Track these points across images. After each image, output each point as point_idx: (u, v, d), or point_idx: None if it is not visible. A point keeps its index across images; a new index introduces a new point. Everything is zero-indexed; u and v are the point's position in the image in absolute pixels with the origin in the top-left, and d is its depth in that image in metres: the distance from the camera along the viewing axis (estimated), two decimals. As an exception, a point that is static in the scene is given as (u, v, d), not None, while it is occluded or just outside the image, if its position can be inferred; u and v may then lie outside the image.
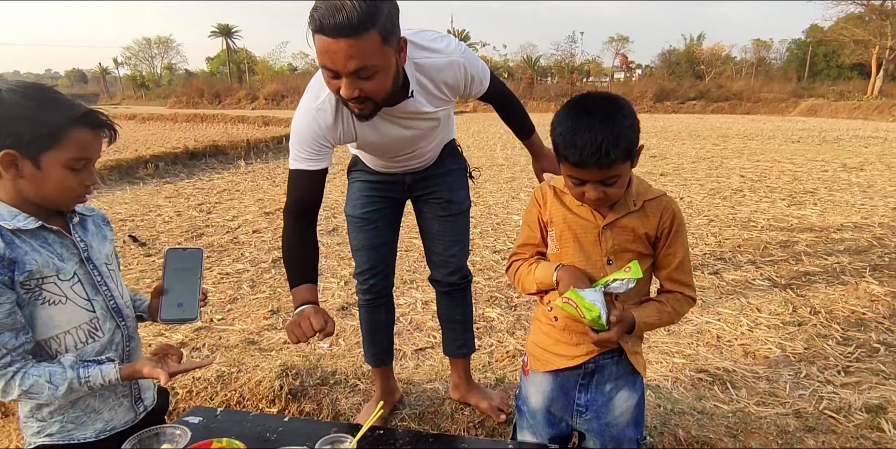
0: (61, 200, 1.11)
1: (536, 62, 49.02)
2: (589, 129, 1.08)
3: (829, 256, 4.28)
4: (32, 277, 1.06)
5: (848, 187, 7.31)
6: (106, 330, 1.18)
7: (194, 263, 1.27)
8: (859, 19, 34.87)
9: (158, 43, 75.78)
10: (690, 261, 1.31)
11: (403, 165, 1.85)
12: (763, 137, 15.25)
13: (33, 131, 1.03)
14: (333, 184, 7.88)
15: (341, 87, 1.29)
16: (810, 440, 1.75)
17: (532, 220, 1.33)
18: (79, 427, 1.17)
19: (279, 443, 1.17)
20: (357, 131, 1.57)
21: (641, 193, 1.24)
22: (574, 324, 1.26)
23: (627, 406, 1.32)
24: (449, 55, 1.54)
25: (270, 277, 3.91)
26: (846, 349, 2.73)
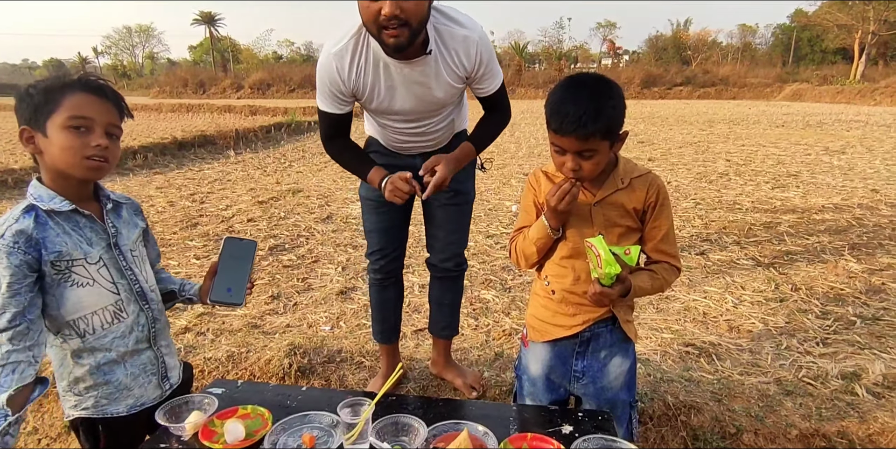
0: (72, 164, 1.13)
1: (524, 49, 48.86)
2: (575, 102, 1.18)
3: (810, 236, 4.42)
4: (62, 259, 1.13)
5: (830, 170, 7.48)
6: (130, 312, 1.24)
7: (247, 253, 1.36)
8: (843, 4, 35.12)
9: (139, 31, 74.49)
10: (675, 233, 1.40)
11: (415, 142, 1.88)
12: (748, 122, 15.42)
13: (35, 103, 1.10)
14: (325, 173, 7.93)
15: (384, 7, 1.35)
16: (788, 403, 1.87)
17: (528, 205, 1.43)
18: (112, 402, 1.24)
19: (300, 409, 1.25)
20: (371, 79, 1.64)
21: (628, 171, 1.34)
22: (571, 296, 1.36)
23: (621, 371, 1.43)
24: (469, 31, 1.61)
25: (268, 264, 3.98)
26: (825, 323, 2.86)
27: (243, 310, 3.15)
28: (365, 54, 1.60)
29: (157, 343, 1.31)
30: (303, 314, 3.08)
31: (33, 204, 1.13)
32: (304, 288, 3.48)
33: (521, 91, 36.19)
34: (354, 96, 1.70)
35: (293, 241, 4.52)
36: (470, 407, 1.32)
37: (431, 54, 1.57)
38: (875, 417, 1.76)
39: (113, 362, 1.23)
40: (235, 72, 52.38)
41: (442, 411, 1.26)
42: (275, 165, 8.67)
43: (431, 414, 1.21)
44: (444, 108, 1.78)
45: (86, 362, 1.21)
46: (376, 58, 1.60)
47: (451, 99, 1.76)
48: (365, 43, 1.60)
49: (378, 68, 1.62)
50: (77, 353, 1.20)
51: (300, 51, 67.49)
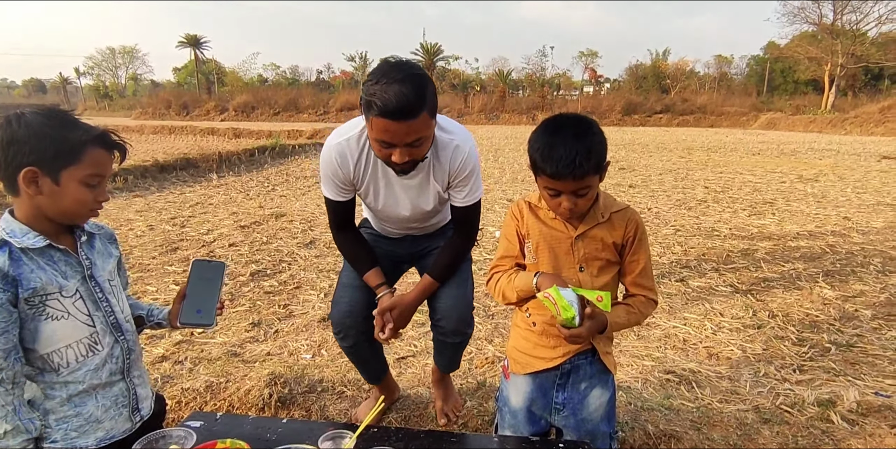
0: (77, 215, 1.19)
1: (508, 76, 49.70)
2: (564, 145, 1.22)
3: (786, 262, 4.52)
4: (37, 294, 1.12)
5: (804, 198, 7.67)
6: (105, 344, 1.24)
7: (216, 274, 1.37)
8: (812, 38, 36.48)
9: (123, 53, 74.42)
10: (652, 267, 1.44)
11: (405, 232, 1.98)
12: (726, 150, 15.80)
13: (55, 149, 1.10)
14: (309, 196, 7.93)
15: (393, 155, 1.51)
16: (766, 431, 1.89)
17: (511, 234, 1.45)
18: (81, 435, 1.22)
19: (280, 443, 1.24)
20: (369, 177, 1.75)
21: (608, 206, 1.38)
22: (551, 328, 1.38)
23: (601, 402, 1.44)
24: (460, 140, 1.70)
25: (249, 290, 3.94)
26: (801, 349, 2.91)
27: (223, 337, 3.11)
28: (366, 153, 1.70)
29: (130, 374, 1.29)
30: (284, 342, 3.05)
31: (6, 240, 1.12)
32: (285, 315, 3.45)
33: (505, 117, 36.69)
34: (354, 186, 1.79)
35: (275, 266, 4.49)
36: (451, 439, 1.32)
37: (426, 162, 1.67)
38: (849, 445, 1.79)
39: (84, 394, 1.21)
40: (220, 94, 52.44)
41: (423, 444, 1.26)
42: (258, 189, 8.65)
43: (413, 446, 1.21)
44: (434, 211, 1.84)
45: (57, 395, 1.19)
46: (377, 163, 1.70)
47: (441, 205, 1.84)
48: (367, 147, 1.69)
49: (377, 168, 1.72)
50: (49, 385, 1.18)
51: (286, 74, 67.87)
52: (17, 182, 1.10)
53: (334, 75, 68.11)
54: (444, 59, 52.21)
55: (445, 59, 52.41)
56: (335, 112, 41.22)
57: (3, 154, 1.10)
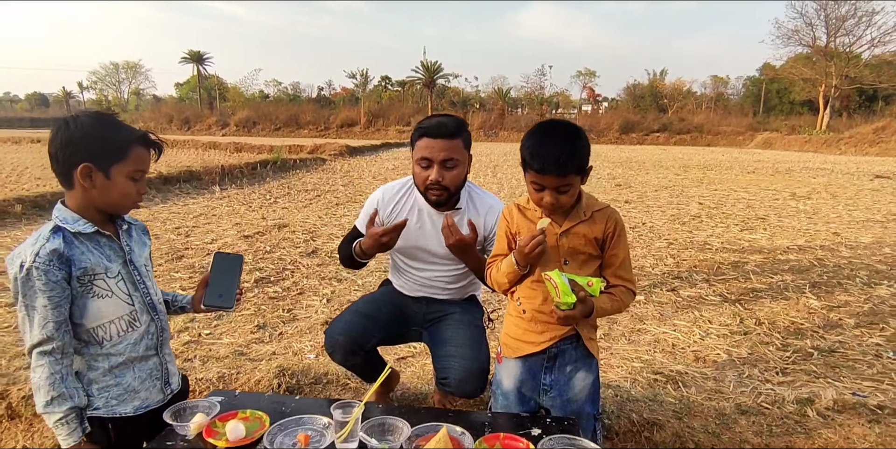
0: (123, 205, 1.35)
1: (507, 94, 50.33)
2: (552, 145, 1.38)
3: (774, 274, 4.65)
4: (86, 274, 1.28)
5: (796, 214, 7.83)
6: (142, 321, 1.39)
7: (235, 265, 1.54)
8: (807, 59, 37.03)
9: (127, 68, 75.07)
10: (630, 260, 1.58)
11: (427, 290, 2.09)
12: (721, 168, 16.01)
13: (106, 147, 1.27)
14: (311, 209, 8.07)
15: (431, 174, 1.83)
16: (743, 421, 2.01)
17: (501, 235, 1.61)
18: (120, 403, 1.36)
19: (294, 414, 1.37)
20: (405, 215, 1.99)
21: (590, 205, 1.53)
22: (540, 315, 1.52)
23: (585, 384, 1.57)
24: (495, 202, 2.01)
25: (254, 295, 4.07)
26: (784, 354, 3.04)
27: (229, 338, 3.23)
28: (408, 198, 2.01)
29: (162, 351, 1.44)
30: (288, 343, 3.17)
31: (59, 225, 1.27)
32: (289, 318, 3.58)
33: (504, 134, 37.04)
34: (388, 218, 2.02)
35: (278, 274, 4.62)
36: (449, 414, 1.44)
37: (461, 210, 1.94)
38: (820, 434, 1.90)
39: (123, 366, 1.35)
40: (221, 109, 52.89)
41: (424, 417, 1.38)
42: (260, 201, 8.79)
43: (414, 419, 1.33)
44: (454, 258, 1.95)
45: (100, 365, 1.33)
46: (417, 204, 1.99)
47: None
48: (409, 191, 2.03)
49: (414, 210, 1.99)
50: (93, 357, 1.32)
51: (287, 90, 68.53)
52: (73, 176, 1.26)
53: (335, 92, 68.81)
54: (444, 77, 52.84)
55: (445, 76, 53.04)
56: (335, 128, 41.64)
57: (62, 152, 1.25)
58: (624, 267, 1.53)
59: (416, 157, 1.87)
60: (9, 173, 11.75)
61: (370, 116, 42.08)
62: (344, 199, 9.11)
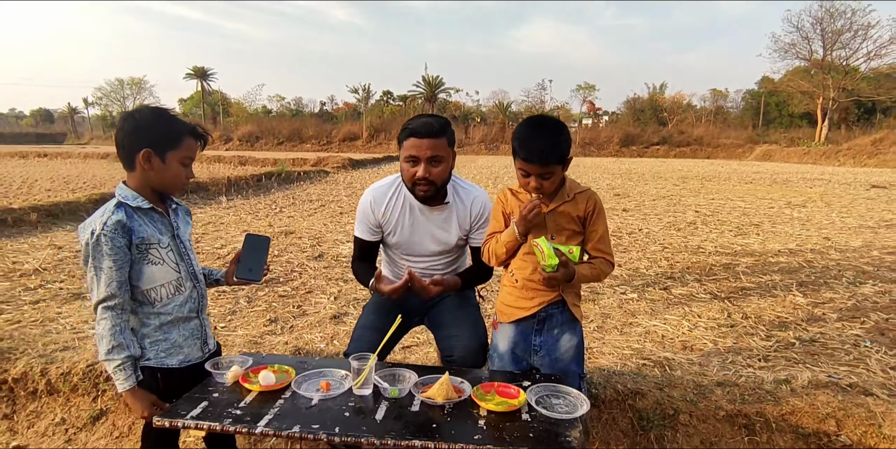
0: (174, 186, 1.58)
1: (508, 108, 50.87)
2: (538, 138, 1.60)
3: (764, 275, 4.84)
4: (143, 243, 1.50)
5: (789, 221, 8.03)
6: (187, 287, 1.62)
7: (263, 245, 1.77)
8: (805, 72, 37.44)
9: (132, 84, 75.83)
10: (609, 236, 1.79)
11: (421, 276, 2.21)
12: (720, 179, 16.25)
13: (165, 136, 1.50)
14: (316, 217, 8.29)
15: (418, 171, 1.97)
16: (718, 391, 2.18)
17: (497, 215, 1.82)
18: (168, 356, 1.59)
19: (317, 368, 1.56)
20: (398, 216, 2.16)
21: (573, 188, 1.75)
22: (529, 283, 1.73)
23: (571, 345, 1.77)
24: (479, 193, 2.18)
25: (264, 293, 4.26)
26: (768, 343, 3.22)
27: (243, 330, 3.42)
28: (398, 196, 2.16)
29: (201, 314, 1.67)
30: (299, 334, 3.36)
31: (121, 201, 1.50)
32: (299, 313, 3.77)
33: (504, 147, 37.41)
34: (381, 229, 2.19)
35: (287, 275, 4.82)
36: (451, 371, 1.63)
37: (449, 204, 2.12)
38: (787, 402, 2.08)
39: (170, 324, 1.58)
40: (224, 124, 53.45)
41: (429, 372, 1.58)
42: (266, 211, 9.02)
43: (420, 374, 1.52)
44: (449, 250, 2.18)
45: (151, 323, 1.55)
46: (407, 201, 2.15)
47: (458, 243, 2.18)
48: (399, 189, 2.17)
49: (406, 209, 2.15)
50: (146, 315, 1.54)
51: (290, 106, 69.24)
52: (135, 160, 1.49)
53: (337, 107, 69.45)
54: (445, 92, 53.53)
55: (447, 91, 53.72)
56: (338, 142, 42.11)
57: (127, 139, 1.49)
58: (603, 241, 1.74)
59: (403, 155, 2.02)
60: (20, 185, 12.04)
61: (372, 130, 42.55)
62: (348, 208, 9.32)
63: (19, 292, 4.17)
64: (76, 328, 3.35)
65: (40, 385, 2.39)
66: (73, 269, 4.92)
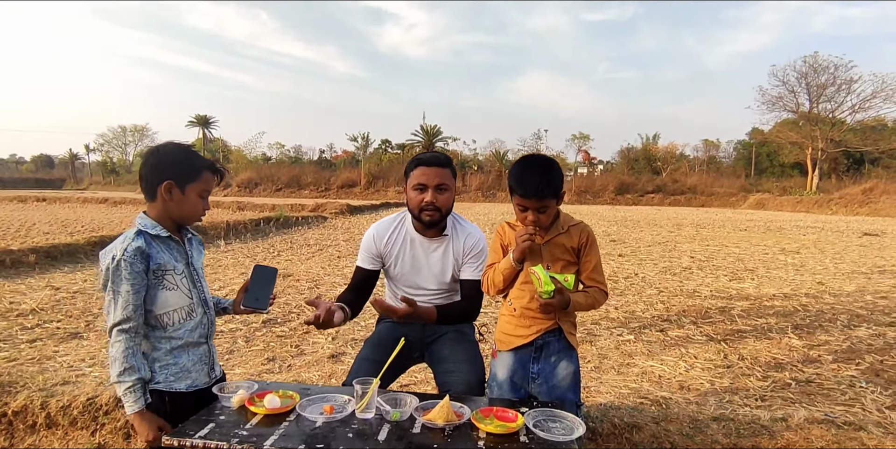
0: (191, 217, 1.67)
1: (504, 156, 51.75)
2: (532, 175, 1.71)
3: (759, 318, 4.87)
4: (160, 269, 1.58)
5: (784, 266, 8.10)
6: (198, 313, 1.68)
7: (270, 275, 1.83)
8: (793, 124, 38.41)
9: (134, 131, 77.04)
10: (602, 266, 1.87)
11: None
12: (714, 226, 16.42)
13: (186, 169, 1.60)
14: (314, 261, 8.34)
15: (426, 196, 2.10)
16: (714, 425, 2.20)
17: (496, 246, 1.91)
18: (176, 380, 1.63)
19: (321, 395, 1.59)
20: (398, 248, 2.27)
21: (566, 221, 1.84)
22: (527, 311, 1.79)
23: (567, 373, 1.81)
24: (474, 230, 2.29)
25: (262, 334, 4.27)
26: (764, 384, 3.23)
27: (241, 369, 3.43)
28: (399, 230, 2.29)
29: (210, 340, 1.72)
30: (297, 373, 3.36)
31: (141, 230, 1.58)
32: (297, 353, 3.78)
33: (500, 195, 37.84)
34: (382, 260, 2.29)
35: (285, 316, 4.83)
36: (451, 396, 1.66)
37: (447, 237, 2.24)
38: (783, 436, 2.09)
39: (180, 349, 1.63)
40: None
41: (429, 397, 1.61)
42: (264, 254, 9.07)
43: (422, 400, 1.56)
44: (445, 282, 2.26)
45: (162, 347, 1.61)
46: (407, 234, 2.28)
47: (454, 276, 2.25)
48: (401, 223, 2.30)
49: (406, 242, 2.27)
50: (158, 339, 1.59)
51: (289, 153, 70.32)
52: (157, 191, 1.58)
53: (336, 155, 70.55)
54: (442, 140, 54.52)
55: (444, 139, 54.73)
56: (336, 189, 42.55)
57: (151, 172, 1.59)
58: (596, 271, 1.82)
59: (411, 184, 2.14)
60: (17, 228, 12.11)
61: (370, 178, 43.09)
62: (346, 252, 9.38)
63: (16, 331, 4.17)
64: (73, 366, 3.36)
65: (39, 418, 2.39)
66: (70, 309, 4.93)
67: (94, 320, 4.56)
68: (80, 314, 4.75)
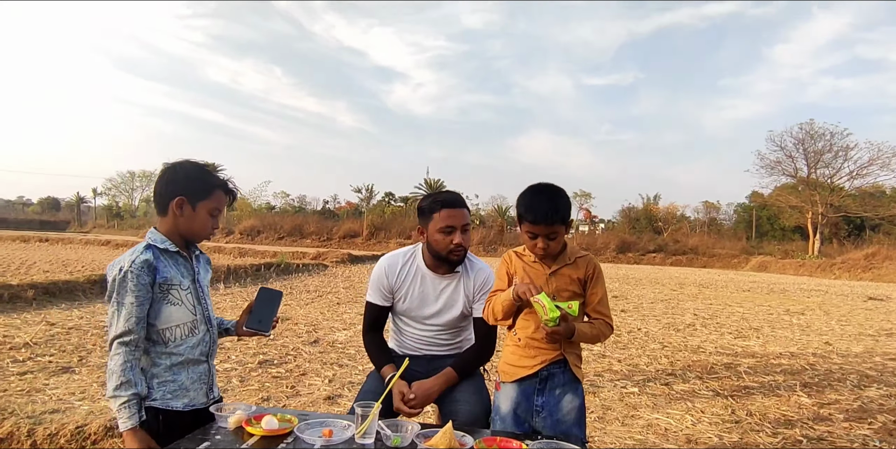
0: (200, 234, 1.68)
1: (506, 212, 52.12)
2: (542, 201, 1.72)
3: (767, 375, 4.76)
4: (166, 283, 1.57)
5: (789, 327, 7.98)
6: (200, 330, 1.65)
7: (275, 299, 1.82)
8: (792, 188, 38.75)
9: (142, 176, 78.06)
10: (608, 300, 1.85)
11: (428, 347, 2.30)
12: (717, 286, 16.30)
13: (200, 187, 1.62)
14: (313, 306, 8.25)
15: (454, 238, 2.10)
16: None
17: (502, 274, 1.89)
18: (174, 398, 1.59)
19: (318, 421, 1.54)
20: (409, 283, 2.25)
21: (573, 252, 1.84)
22: (532, 341, 1.76)
23: (572, 407, 1.75)
24: (485, 266, 2.30)
25: (258, 374, 4.17)
26: (774, 440, 3.11)
27: (234, 408, 3.32)
28: (410, 265, 2.28)
29: (210, 360, 1.68)
30: (291, 413, 3.26)
31: (150, 243, 1.59)
32: (292, 394, 3.67)
33: (502, 249, 37.81)
34: (392, 294, 2.28)
35: (282, 358, 4.74)
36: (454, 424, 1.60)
37: (458, 274, 2.24)
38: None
39: (180, 366, 1.59)
40: (228, 218, 54.38)
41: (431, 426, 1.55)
42: (264, 298, 8.97)
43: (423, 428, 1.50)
44: (453, 319, 2.24)
45: (162, 362, 1.57)
46: (419, 270, 2.26)
47: (463, 312, 2.24)
48: (412, 258, 2.28)
49: (416, 277, 2.26)
50: (158, 355, 1.56)
51: (293, 203, 70.94)
52: (169, 206, 1.60)
53: (339, 205, 71.15)
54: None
55: (448, 194, 55.16)
56: (338, 239, 42.60)
57: (165, 187, 1.62)
58: (602, 303, 1.80)
59: (437, 227, 2.11)
60: (18, 266, 12.08)
61: (372, 229, 43.24)
62: (345, 299, 9.31)
63: (7, 364, 4.09)
64: (63, 399, 3.26)
65: (25, 445, 2.30)
66: (63, 344, 4.85)
67: (88, 355, 4.47)
68: (73, 349, 4.66)
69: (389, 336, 2.43)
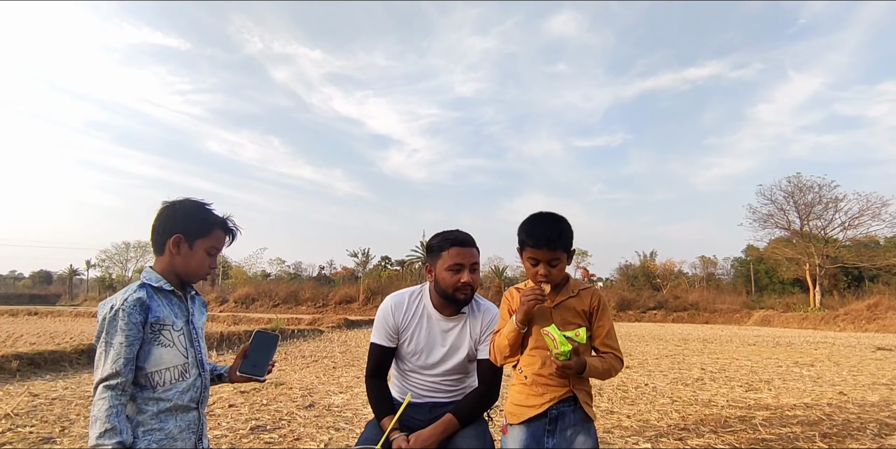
0: (196, 273, 1.62)
1: (503, 272, 51.97)
2: (543, 226, 1.70)
3: (783, 427, 4.54)
4: (158, 323, 1.51)
5: (800, 378, 7.74)
6: (192, 374, 1.57)
7: (271, 343, 1.76)
8: (787, 241, 38.87)
9: (137, 247, 77.83)
10: (615, 332, 1.77)
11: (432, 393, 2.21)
12: (721, 341, 15.99)
13: (198, 224, 1.60)
14: (309, 370, 7.98)
15: (463, 276, 2.07)
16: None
17: (504, 313, 1.83)
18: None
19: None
20: (415, 324, 2.19)
21: (577, 285, 1.79)
22: (539, 378, 1.66)
23: (586, 448, 1.62)
24: (491, 306, 2.26)
25: (248, 441, 3.95)
26: (801, 493, 2.91)
27: (222, 476, 3.11)
28: (416, 305, 2.24)
29: (201, 407, 1.59)
30: (283, 480, 3.05)
31: (145, 282, 1.54)
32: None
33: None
34: (398, 335, 2.21)
35: (275, 423, 4.51)
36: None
37: (465, 315, 2.20)
38: None
39: (168, 412, 1.49)
40: (223, 286, 53.88)
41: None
42: (257, 364, 8.70)
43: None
44: (459, 362, 2.17)
45: (149, 409, 1.48)
46: (425, 310, 2.22)
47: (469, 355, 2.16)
48: (419, 298, 2.26)
49: (423, 318, 2.22)
50: (145, 401, 1.47)
51: (289, 270, 70.56)
52: (165, 244, 1.56)
53: (335, 271, 70.80)
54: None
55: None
56: (334, 305, 42.04)
57: (164, 224, 1.58)
58: (610, 336, 1.72)
59: (446, 265, 2.09)
60: (4, 339, 11.75)
61: (369, 293, 42.80)
62: (341, 363, 9.03)
63: (-16, 436, 3.86)
64: (39, 471, 3.05)
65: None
66: (46, 415, 4.62)
67: (70, 426, 4.24)
68: (55, 420, 4.43)
69: (391, 381, 2.33)
